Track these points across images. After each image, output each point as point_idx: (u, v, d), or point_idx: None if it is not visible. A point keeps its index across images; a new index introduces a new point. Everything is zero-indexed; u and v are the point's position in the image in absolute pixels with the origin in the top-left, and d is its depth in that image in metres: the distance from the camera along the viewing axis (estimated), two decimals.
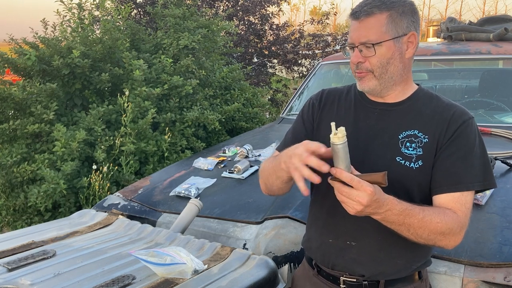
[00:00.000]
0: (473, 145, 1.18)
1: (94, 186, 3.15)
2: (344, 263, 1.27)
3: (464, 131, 1.18)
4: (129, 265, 1.42)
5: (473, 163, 1.16)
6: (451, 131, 1.18)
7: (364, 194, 1.01)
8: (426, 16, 36.05)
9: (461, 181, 1.15)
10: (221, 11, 7.63)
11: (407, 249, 1.22)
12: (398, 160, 1.18)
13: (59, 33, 4.17)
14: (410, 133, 1.20)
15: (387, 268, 1.24)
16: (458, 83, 3.67)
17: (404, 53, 1.20)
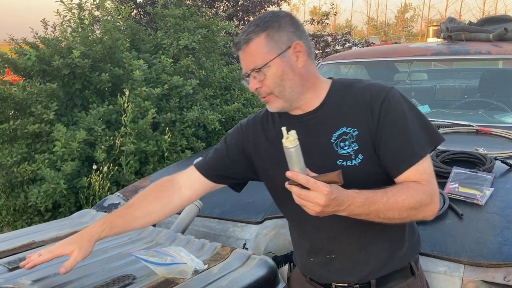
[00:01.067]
0: (403, 114, 1.17)
1: (94, 186, 3.16)
2: (331, 275, 1.29)
3: (388, 107, 1.16)
4: (129, 264, 1.43)
5: (413, 131, 1.16)
6: (376, 113, 1.17)
7: (320, 195, 1.01)
8: (426, 16, 36.04)
9: (410, 154, 1.15)
10: (221, 11, 7.63)
11: (384, 240, 1.22)
12: (340, 163, 1.18)
13: (59, 33, 4.18)
14: (339, 133, 1.20)
15: (372, 267, 1.24)
16: (458, 83, 3.67)
17: (296, 65, 1.20)
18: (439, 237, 1.56)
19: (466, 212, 1.68)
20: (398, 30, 44.54)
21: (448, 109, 3.21)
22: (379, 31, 43.21)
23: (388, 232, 1.21)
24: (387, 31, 44.41)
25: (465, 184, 1.83)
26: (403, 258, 1.26)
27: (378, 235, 1.21)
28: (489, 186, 1.82)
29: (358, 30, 43.46)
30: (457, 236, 1.55)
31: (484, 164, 2.01)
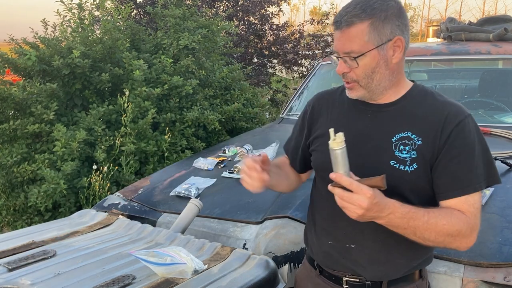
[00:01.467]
0: (473, 144, 1.14)
1: (94, 186, 3.15)
2: (346, 265, 1.27)
3: (461, 132, 1.14)
4: (129, 265, 1.43)
5: (476, 164, 1.14)
6: (446, 132, 1.14)
7: (363, 197, 1.01)
8: (426, 16, 36.06)
9: (467, 184, 1.13)
10: (221, 11, 7.63)
11: (407, 249, 1.21)
12: (392, 164, 1.16)
13: (59, 33, 4.17)
14: (403, 135, 1.18)
15: (388, 269, 1.23)
16: (458, 83, 3.67)
17: (391, 59, 1.17)
18: None
19: None
20: None
21: None
22: None
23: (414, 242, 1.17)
24: None
25: None
26: (418, 266, 1.26)
27: (403, 242, 1.18)
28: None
29: None
30: None
31: None
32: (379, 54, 1.15)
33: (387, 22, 1.14)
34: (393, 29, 1.15)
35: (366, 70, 1.16)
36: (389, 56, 1.16)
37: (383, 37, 1.14)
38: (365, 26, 1.12)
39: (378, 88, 1.19)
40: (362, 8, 1.13)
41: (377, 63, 1.15)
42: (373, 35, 1.13)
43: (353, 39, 1.13)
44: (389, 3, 1.15)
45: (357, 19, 1.12)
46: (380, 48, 1.14)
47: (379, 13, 1.13)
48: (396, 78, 1.21)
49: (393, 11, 1.14)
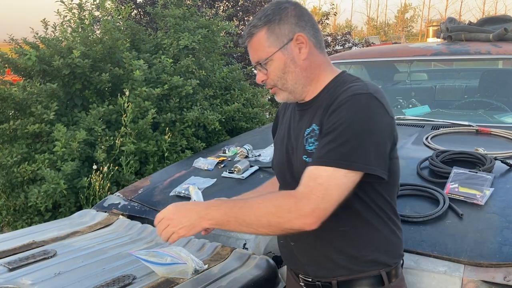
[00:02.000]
0: (344, 120, 1.09)
1: (94, 186, 3.16)
2: (294, 263, 1.32)
3: (339, 109, 1.11)
4: (129, 264, 1.43)
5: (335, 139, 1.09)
6: (329, 111, 1.14)
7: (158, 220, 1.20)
8: (426, 16, 36.05)
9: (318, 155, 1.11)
10: (221, 11, 7.63)
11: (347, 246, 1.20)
12: (304, 158, 1.19)
13: (59, 33, 4.17)
14: (310, 129, 1.20)
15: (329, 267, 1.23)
16: (458, 83, 3.67)
17: (298, 57, 1.20)
18: (439, 237, 1.56)
19: (466, 212, 1.68)
20: (398, 30, 44.52)
21: (448, 109, 3.21)
22: (379, 31, 43.20)
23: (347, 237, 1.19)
24: (387, 31, 44.39)
25: (465, 184, 1.84)
26: (369, 266, 1.21)
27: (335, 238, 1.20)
28: (489, 186, 1.82)
29: (358, 30, 43.43)
30: (457, 236, 1.55)
31: (484, 164, 2.02)
32: (284, 55, 1.20)
33: (283, 24, 1.19)
34: (291, 28, 1.20)
35: (277, 73, 1.21)
36: (296, 54, 1.20)
37: (283, 39, 1.19)
38: (263, 33, 1.19)
39: (296, 87, 1.23)
40: (258, 18, 1.21)
41: (284, 63, 1.20)
42: (272, 39, 1.19)
43: (257, 48, 1.21)
44: (282, 6, 1.21)
45: (255, 29, 1.20)
46: (283, 49, 1.19)
47: (273, 18, 1.19)
48: (312, 74, 1.23)
49: (287, 12, 1.20)
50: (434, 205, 1.74)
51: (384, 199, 1.21)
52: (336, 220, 1.14)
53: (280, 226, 1.09)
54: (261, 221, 1.10)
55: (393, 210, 1.26)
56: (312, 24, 1.23)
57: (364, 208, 1.19)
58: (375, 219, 1.20)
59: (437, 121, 2.85)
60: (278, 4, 1.22)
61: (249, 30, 1.21)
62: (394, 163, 1.21)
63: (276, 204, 1.09)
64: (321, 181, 1.07)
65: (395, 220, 1.26)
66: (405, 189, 1.86)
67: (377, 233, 1.21)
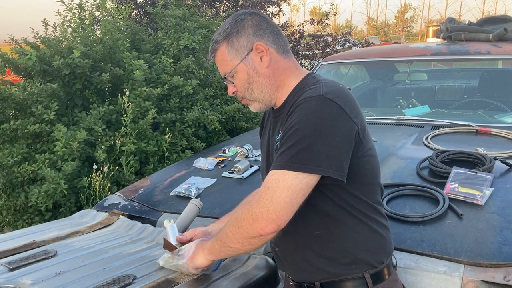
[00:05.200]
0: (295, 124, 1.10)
1: (94, 186, 3.16)
2: (282, 266, 1.35)
3: (292, 113, 1.12)
4: (129, 264, 1.43)
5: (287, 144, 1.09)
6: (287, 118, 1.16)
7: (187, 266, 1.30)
8: (426, 16, 36.05)
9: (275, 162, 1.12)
10: (221, 11, 7.63)
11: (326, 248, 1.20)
12: None
13: (59, 33, 4.18)
14: (279, 136, 1.21)
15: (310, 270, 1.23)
16: (458, 83, 3.67)
17: (260, 66, 1.23)
18: (439, 237, 1.56)
19: (466, 212, 1.68)
20: (398, 30, 44.52)
21: (448, 109, 3.21)
22: (379, 31, 43.19)
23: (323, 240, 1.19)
24: (387, 31, 44.39)
25: (465, 184, 1.84)
26: (352, 268, 1.20)
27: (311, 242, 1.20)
28: (489, 186, 1.82)
29: (358, 30, 43.46)
30: (457, 236, 1.55)
31: (484, 164, 2.02)
32: (247, 66, 1.22)
33: (241, 36, 1.22)
34: (248, 39, 1.22)
35: (242, 84, 1.24)
36: (257, 63, 1.23)
37: (243, 50, 1.22)
38: (223, 48, 1.23)
39: (263, 96, 1.25)
40: (218, 33, 1.24)
41: (248, 74, 1.23)
42: (232, 52, 1.22)
43: (221, 62, 1.25)
44: (238, 18, 1.24)
45: (216, 45, 1.24)
46: (245, 60, 1.22)
47: (231, 32, 1.22)
48: (277, 80, 1.25)
49: (244, 24, 1.23)
50: (434, 205, 1.74)
51: (358, 199, 1.19)
52: (310, 225, 1.18)
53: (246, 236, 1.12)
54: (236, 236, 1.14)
55: (373, 209, 1.23)
56: (271, 31, 1.24)
57: (336, 209, 1.18)
58: (349, 219, 1.19)
59: (437, 121, 2.85)
60: (235, 16, 1.25)
61: (212, 46, 1.25)
62: (368, 161, 1.19)
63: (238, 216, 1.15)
64: (269, 184, 1.09)
65: (377, 219, 1.24)
66: (405, 189, 1.87)
67: (354, 233, 1.20)
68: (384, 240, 1.25)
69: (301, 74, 1.27)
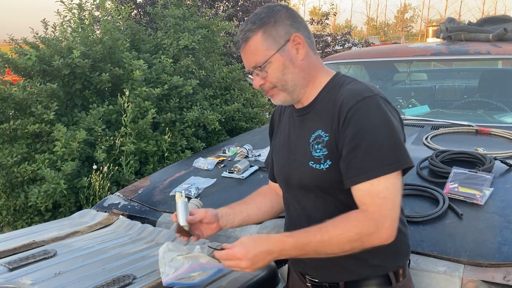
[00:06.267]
0: (367, 128, 1.10)
1: (94, 186, 3.16)
2: (301, 266, 1.31)
3: (353, 117, 1.11)
4: (129, 264, 1.43)
5: (372, 148, 1.09)
6: (341, 121, 1.13)
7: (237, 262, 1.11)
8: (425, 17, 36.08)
9: (360, 171, 1.09)
10: (221, 11, 7.63)
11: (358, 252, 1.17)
12: (311, 165, 1.19)
13: (59, 33, 4.18)
14: (316, 135, 1.20)
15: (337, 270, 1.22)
16: (458, 83, 3.67)
17: (296, 58, 1.20)
18: (439, 237, 1.56)
19: (466, 212, 1.68)
20: (398, 30, 44.53)
21: (448, 109, 3.21)
22: (379, 31, 43.20)
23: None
24: (387, 31, 44.39)
25: (465, 184, 1.84)
26: (378, 267, 1.21)
27: None
28: (489, 186, 1.82)
29: (358, 30, 43.46)
30: (457, 236, 1.55)
31: (484, 164, 2.02)
32: (283, 56, 1.19)
33: (279, 25, 1.19)
34: (287, 29, 1.20)
35: (276, 74, 1.20)
36: (293, 55, 1.20)
37: (280, 40, 1.19)
38: (259, 36, 1.18)
39: (295, 88, 1.22)
40: (252, 22, 1.20)
41: (283, 64, 1.19)
42: (269, 41, 1.18)
43: (254, 52, 1.19)
44: (275, 8, 1.21)
45: (251, 33, 1.19)
46: (281, 50, 1.19)
47: (268, 20, 1.19)
48: (309, 74, 1.23)
49: (281, 14, 1.20)
50: (434, 205, 1.74)
51: None
52: None
53: (362, 247, 1.11)
54: (343, 249, 1.10)
55: None
56: (304, 26, 1.24)
57: None
58: None
59: (437, 121, 2.85)
60: (270, 7, 1.23)
61: (243, 34, 1.19)
62: None
63: (357, 231, 1.08)
64: (383, 194, 1.09)
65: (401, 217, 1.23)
66: (405, 189, 1.86)
67: None
68: (406, 238, 1.27)
69: (329, 72, 1.28)
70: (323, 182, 1.18)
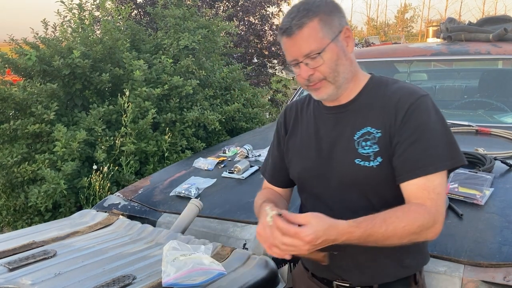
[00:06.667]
0: (427, 124, 1.11)
1: (94, 186, 3.16)
2: (334, 271, 1.27)
3: (413, 113, 1.12)
4: (129, 265, 1.43)
5: (430, 144, 1.10)
6: (399, 117, 1.13)
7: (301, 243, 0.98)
8: (426, 17, 36.07)
9: (419, 165, 1.09)
10: (221, 11, 7.63)
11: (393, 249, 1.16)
12: (357, 162, 1.16)
13: (59, 34, 4.18)
14: (363, 131, 1.18)
15: (375, 273, 1.22)
16: (458, 84, 3.67)
17: (346, 50, 1.18)
18: (439, 237, 1.54)
19: (466, 212, 1.68)
20: (398, 30, 44.52)
21: (448, 109, 3.21)
22: (379, 31, 43.19)
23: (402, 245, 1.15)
24: (387, 31, 44.38)
25: (465, 184, 1.84)
26: (409, 268, 1.23)
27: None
28: (489, 186, 1.82)
29: (358, 30, 43.45)
30: (457, 236, 1.55)
31: (484, 164, 2.02)
32: (337, 47, 1.15)
33: (333, 15, 1.16)
34: (340, 20, 1.17)
35: (330, 64, 1.15)
36: (345, 47, 1.18)
37: (334, 30, 1.15)
38: (315, 23, 1.13)
39: (343, 82, 1.19)
40: (306, 9, 1.14)
41: (337, 55, 1.16)
42: (325, 30, 1.14)
43: (309, 39, 1.13)
44: None
45: (307, 19, 1.12)
46: (335, 40, 1.15)
47: (323, 8, 1.15)
48: (353, 70, 1.22)
49: (333, 4, 1.17)
50: None
51: None
52: None
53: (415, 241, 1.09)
54: (402, 241, 1.07)
55: None
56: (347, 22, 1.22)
57: None
58: None
59: None
60: None
61: (298, 20, 1.12)
62: None
63: (419, 224, 1.06)
64: (438, 190, 1.09)
65: None
66: None
67: None
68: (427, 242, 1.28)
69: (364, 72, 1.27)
70: (372, 180, 1.15)
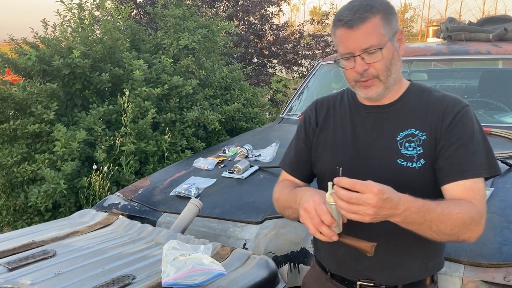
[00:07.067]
0: (472, 132, 1.15)
1: (94, 186, 3.16)
2: (359, 271, 1.26)
3: (460, 120, 1.15)
4: (129, 265, 1.43)
5: (475, 150, 1.14)
6: (446, 122, 1.16)
7: (371, 195, 0.93)
8: (426, 16, 36.08)
9: (467, 168, 1.12)
10: (221, 11, 7.63)
11: (420, 250, 1.20)
12: (400, 162, 1.16)
13: (59, 33, 4.18)
14: (407, 133, 1.18)
15: (402, 272, 1.22)
16: (458, 83, 3.67)
17: (398, 51, 1.19)
18: None
19: None
20: None
21: None
22: None
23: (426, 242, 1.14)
24: None
25: None
26: (431, 270, 1.25)
27: (416, 244, 1.18)
28: (489, 186, 1.82)
29: None
30: None
31: None
32: (393, 46, 1.17)
33: (393, 15, 1.17)
34: (396, 22, 1.18)
35: (386, 62, 1.16)
36: (397, 48, 1.19)
37: (392, 30, 1.16)
38: (378, 19, 1.13)
39: (392, 82, 1.20)
40: (370, 4, 1.14)
41: (392, 55, 1.17)
42: (386, 28, 1.15)
43: (370, 33, 1.13)
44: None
45: (371, 14, 1.13)
46: (392, 40, 1.16)
47: (385, 7, 1.16)
48: (400, 73, 1.23)
49: (391, 6, 1.19)
50: None
51: None
52: None
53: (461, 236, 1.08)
54: (453, 230, 1.05)
55: None
56: None
57: None
58: None
59: None
60: None
61: (361, 13, 1.12)
62: None
63: (470, 215, 1.06)
64: (482, 193, 1.12)
65: None
66: None
67: None
68: None
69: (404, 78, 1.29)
70: (411, 181, 1.14)
